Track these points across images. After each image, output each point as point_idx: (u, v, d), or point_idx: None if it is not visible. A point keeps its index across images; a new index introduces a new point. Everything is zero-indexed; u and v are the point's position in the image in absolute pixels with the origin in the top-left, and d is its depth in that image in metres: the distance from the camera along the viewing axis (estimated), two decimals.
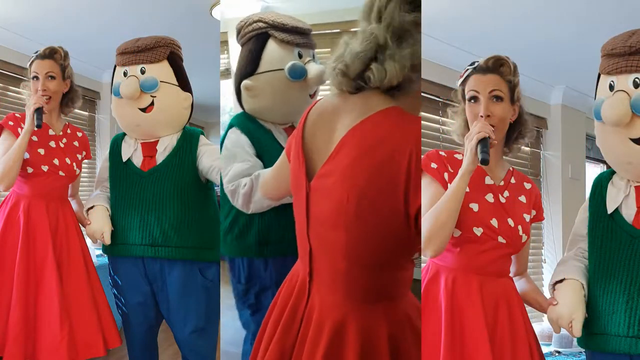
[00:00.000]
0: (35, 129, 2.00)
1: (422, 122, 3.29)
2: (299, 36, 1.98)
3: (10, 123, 2.10)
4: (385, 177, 1.00)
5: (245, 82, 1.93)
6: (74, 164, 2.21)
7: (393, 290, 1.15)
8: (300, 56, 1.98)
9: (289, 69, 1.92)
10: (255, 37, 1.96)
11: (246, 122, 1.96)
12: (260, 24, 1.96)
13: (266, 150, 1.89)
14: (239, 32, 2.03)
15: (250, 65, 1.95)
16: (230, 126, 1.97)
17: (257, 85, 1.92)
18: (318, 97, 2.08)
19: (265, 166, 1.84)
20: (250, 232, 1.90)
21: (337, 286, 1.12)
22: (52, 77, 2.13)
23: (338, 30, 2.61)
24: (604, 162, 2.92)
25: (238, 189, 1.80)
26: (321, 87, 2.12)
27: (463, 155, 1.57)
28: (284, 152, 1.38)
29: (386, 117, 1.04)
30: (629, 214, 1.58)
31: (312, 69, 1.96)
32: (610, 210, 1.61)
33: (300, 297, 1.20)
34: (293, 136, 1.23)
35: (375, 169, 1.00)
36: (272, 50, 1.95)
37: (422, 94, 3.17)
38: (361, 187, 1.01)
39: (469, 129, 1.60)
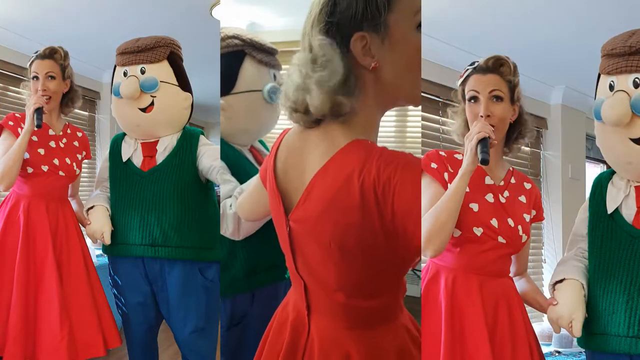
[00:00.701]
0: (35, 129, 2.00)
1: (422, 122, 3.31)
2: (272, 57, 1.93)
3: (10, 123, 2.10)
4: (360, 211, 0.94)
5: (220, 103, 1.80)
6: (74, 164, 2.21)
7: (393, 311, 1.12)
8: (275, 78, 1.92)
9: (269, 91, 1.84)
10: (232, 54, 1.84)
11: (222, 146, 1.87)
12: (237, 41, 1.85)
13: (243, 172, 1.81)
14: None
15: (226, 84, 1.83)
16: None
17: (233, 106, 1.81)
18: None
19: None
20: (235, 264, 1.77)
21: (338, 317, 1.08)
22: (52, 77, 2.13)
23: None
24: (604, 162, 2.92)
25: (225, 211, 1.69)
26: None
27: (463, 155, 1.57)
28: (258, 177, 1.32)
29: (348, 154, 0.97)
30: (629, 214, 1.58)
31: None
32: (610, 210, 1.61)
33: (299, 332, 1.14)
34: (266, 166, 1.17)
35: (349, 209, 0.94)
36: (249, 70, 1.85)
37: (422, 94, 3.19)
38: (341, 230, 0.97)
39: (469, 129, 1.60)
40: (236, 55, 1.85)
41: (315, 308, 1.11)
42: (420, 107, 3.45)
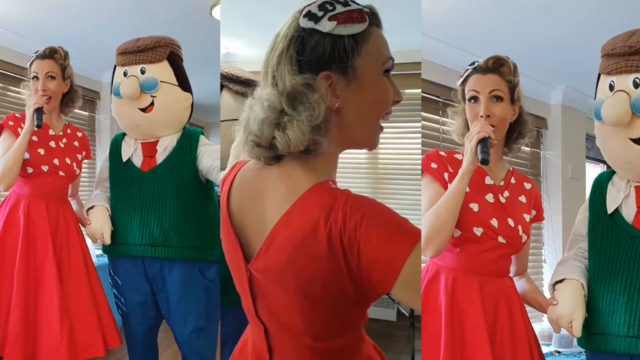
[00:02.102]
0: (35, 129, 2.00)
1: (422, 122, 3.30)
2: (251, 89, 1.97)
3: (10, 123, 2.10)
4: (326, 261, 0.90)
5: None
6: (74, 164, 2.21)
7: (357, 344, 1.09)
8: None
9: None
10: None
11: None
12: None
13: None
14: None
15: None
16: None
17: (222, 134, 1.93)
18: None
19: None
20: None
21: (304, 358, 1.04)
22: (52, 77, 2.13)
23: None
24: (604, 162, 2.92)
25: None
26: None
27: (463, 155, 1.57)
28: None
29: (312, 200, 0.93)
30: (629, 214, 1.58)
31: None
32: (610, 210, 1.61)
33: None
34: (222, 207, 1.10)
35: (315, 258, 0.91)
36: (227, 101, 1.98)
37: (422, 94, 3.19)
38: (306, 279, 0.93)
39: (469, 129, 1.60)
40: None
41: (277, 351, 1.06)
42: (420, 109, 3.46)
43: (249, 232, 1.02)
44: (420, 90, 3.35)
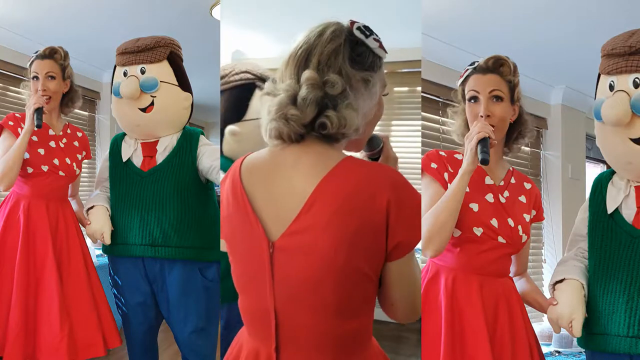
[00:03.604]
0: (35, 129, 2.00)
1: (422, 122, 3.31)
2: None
3: (10, 123, 2.10)
4: (367, 225, 0.99)
5: (231, 128, 1.91)
6: (74, 164, 2.21)
7: (368, 334, 1.12)
8: None
9: None
10: (243, 87, 1.96)
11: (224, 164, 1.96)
12: (249, 75, 1.97)
13: None
14: (221, 78, 2.06)
15: (237, 112, 1.93)
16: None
17: (243, 132, 1.91)
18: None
19: None
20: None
21: (324, 347, 1.06)
22: (52, 77, 2.13)
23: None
24: (604, 162, 2.92)
25: None
26: None
27: (463, 155, 1.57)
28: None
29: (343, 168, 1.04)
30: (629, 214, 1.58)
31: None
32: (610, 210, 1.61)
33: None
34: (231, 196, 1.13)
35: (357, 219, 0.99)
36: (260, 100, 1.99)
37: (422, 94, 3.19)
38: (348, 237, 0.99)
39: (469, 129, 1.60)
40: (247, 87, 1.97)
41: (288, 347, 1.07)
42: (420, 108, 3.47)
43: (265, 211, 1.08)
44: (420, 88, 3.35)
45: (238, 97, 1.95)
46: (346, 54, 1.07)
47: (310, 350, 1.06)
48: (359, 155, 1.26)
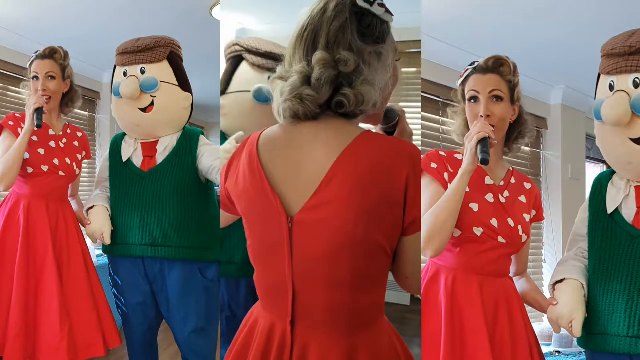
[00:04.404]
0: (35, 129, 2.00)
1: (422, 122, 3.30)
2: (271, 61, 2.00)
3: (10, 123, 2.10)
4: (386, 199, 1.01)
5: (220, 101, 1.97)
6: (74, 164, 2.21)
7: (381, 308, 1.14)
8: None
9: (255, 91, 1.94)
10: (232, 59, 2.01)
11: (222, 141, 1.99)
12: (237, 47, 2.00)
13: None
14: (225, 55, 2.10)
15: (223, 85, 1.99)
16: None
17: (226, 105, 1.95)
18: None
19: None
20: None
21: (339, 321, 1.07)
22: (52, 77, 2.13)
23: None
24: (604, 162, 2.92)
25: None
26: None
27: (463, 155, 1.57)
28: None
29: (361, 142, 1.04)
30: (629, 214, 1.58)
31: None
32: (610, 210, 1.61)
33: (279, 352, 1.09)
34: (248, 171, 1.12)
35: (376, 193, 1.01)
36: (244, 72, 1.99)
37: (422, 94, 3.19)
38: (367, 211, 1.00)
39: (469, 129, 1.60)
40: (235, 60, 2.01)
41: (304, 320, 1.08)
42: (420, 106, 3.46)
43: (283, 186, 1.08)
44: (420, 69, 3.34)
45: (227, 70, 1.99)
46: (354, 28, 1.05)
47: (325, 324, 1.08)
48: (375, 128, 1.26)
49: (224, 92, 1.97)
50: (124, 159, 2.09)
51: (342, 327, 1.07)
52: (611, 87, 1.55)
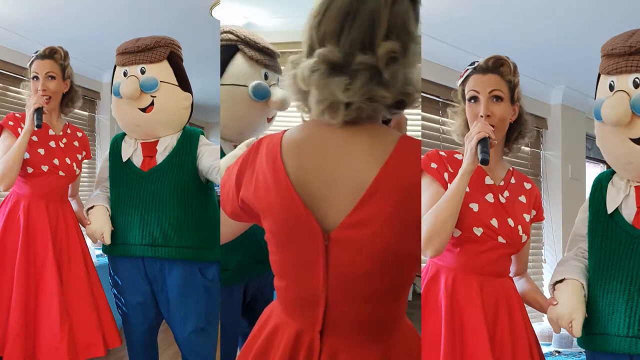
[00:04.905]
0: (35, 129, 2.00)
1: (422, 122, 3.30)
2: (268, 57, 1.97)
3: (10, 123, 2.10)
4: (415, 210, 0.96)
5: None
6: (74, 164, 2.21)
7: (404, 313, 1.13)
8: (266, 77, 1.96)
9: (253, 87, 1.90)
10: (224, 48, 1.90)
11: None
12: (231, 36, 1.91)
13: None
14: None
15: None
16: None
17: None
18: (274, 123, 2.09)
19: None
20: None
21: (369, 330, 1.04)
22: (52, 77, 2.13)
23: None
24: (604, 162, 2.92)
25: None
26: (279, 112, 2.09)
27: (463, 155, 1.57)
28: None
29: (404, 150, 0.96)
30: (629, 214, 1.58)
31: (277, 92, 1.95)
32: (610, 210, 1.61)
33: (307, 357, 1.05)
34: (271, 180, 1.02)
35: (418, 208, 0.95)
36: (239, 65, 1.91)
37: (422, 94, 3.19)
38: (412, 223, 0.95)
39: (469, 129, 1.60)
40: (228, 49, 1.91)
41: (329, 330, 1.03)
42: (420, 106, 3.46)
43: (315, 197, 0.98)
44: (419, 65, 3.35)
45: (220, 59, 1.90)
46: (412, 14, 0.95)
47: (355, 332, 1.04)
48: None
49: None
50: (124, 159, 2.09)
51: (373, 334, 1.04)
52: (611, 87, 1.55)
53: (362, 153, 0.96)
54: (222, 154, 1.89)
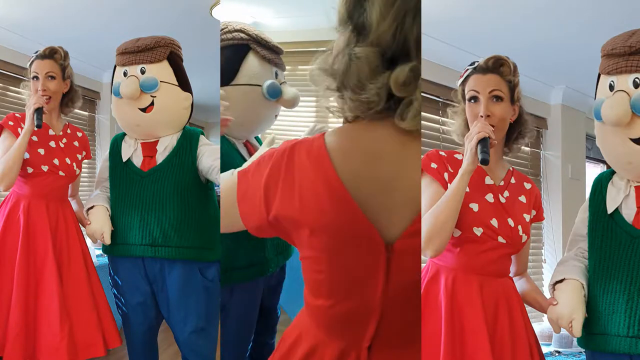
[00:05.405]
0: (35, 129, 2.00)
1: (422, 122, 3.31)
2: (277, 56, 1.98)
3: (10, 123, 2.10)
4: None
5: (221, 93, 1.79)
6: (74, 164, 2.21)
7: None
8: (276, 76, 1.98)
9: (268, 87, 1.90)
10: (235, 47, 1.87)
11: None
12: (242, 35, 1.88)
13: (233, 165, 1.73)
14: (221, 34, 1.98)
15: (227, 75, 1.85)
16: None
17: (231, 97, 1.80)
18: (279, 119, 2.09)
19: None
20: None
21: (407, 340, 1.02)
22: (52, 77, 2.13)
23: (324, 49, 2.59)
24: (604, 162, 2.92)
25: None
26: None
27: (463, 155, 1.57)
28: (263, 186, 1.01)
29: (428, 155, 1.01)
30: (629, 214, 1.58)
31: (288, 91, 1.96)
32: (610, 210, 1.61)
33: None
34: (326, 195, 0.93)
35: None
36: (252, 65, 1.90)
37: (422, 94, 3.19)
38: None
39: (469, 129, 1.60)
40: (240, 48, 1.88)
41: (377, 345, 1.00)
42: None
43: (373, 205, 0.92)
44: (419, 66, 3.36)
45: (229, 57, 1.85)
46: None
47: (398, 344, 1.01)
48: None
49: (227, 82, 1.82)
50: (124, 159, 2.09)
51: (410, 343, 1.03)
52: (611, 87, 1.55)
53: (416, 158, 0.93)
54: (228, 151, 1.88)
